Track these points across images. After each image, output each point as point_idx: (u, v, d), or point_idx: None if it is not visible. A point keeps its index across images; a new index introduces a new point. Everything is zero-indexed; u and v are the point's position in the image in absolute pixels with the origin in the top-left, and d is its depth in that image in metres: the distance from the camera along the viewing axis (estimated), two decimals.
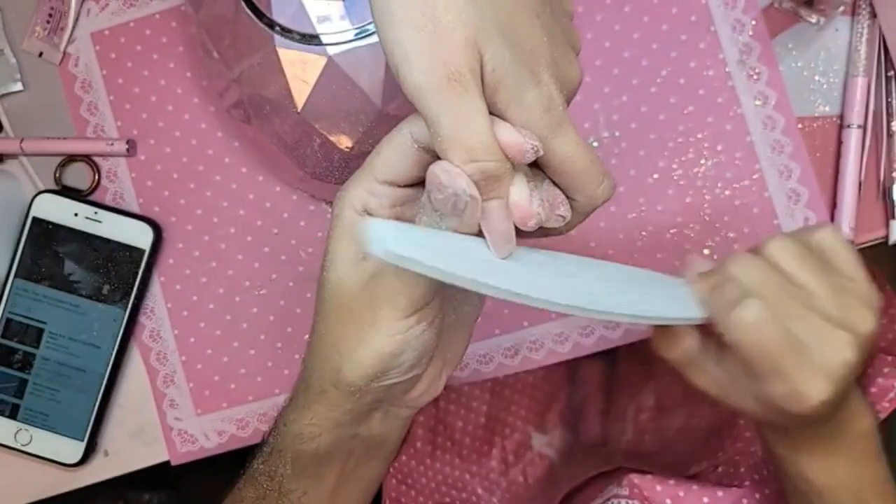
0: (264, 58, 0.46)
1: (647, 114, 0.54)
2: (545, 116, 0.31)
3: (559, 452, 0.73)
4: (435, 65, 0.29)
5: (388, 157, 0.33)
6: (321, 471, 0.39)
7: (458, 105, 0.29)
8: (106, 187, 0.57)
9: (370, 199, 0.34)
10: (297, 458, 0.38)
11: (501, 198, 0.31)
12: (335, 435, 0.37)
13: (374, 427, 0.39)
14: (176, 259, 0.56)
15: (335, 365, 0.35)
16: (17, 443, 0.56)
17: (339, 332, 0.35)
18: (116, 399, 0.57)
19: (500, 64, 0.30)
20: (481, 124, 0.29)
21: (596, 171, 0.32)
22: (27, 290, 0.56)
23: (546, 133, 0.31)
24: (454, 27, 0.29)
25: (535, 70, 0.31)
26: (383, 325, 0.33)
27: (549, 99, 0.31)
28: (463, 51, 0.29)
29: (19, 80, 0.57)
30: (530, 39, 0.31)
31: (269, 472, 0.39)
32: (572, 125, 0.32)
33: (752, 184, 0.53)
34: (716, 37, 0.53)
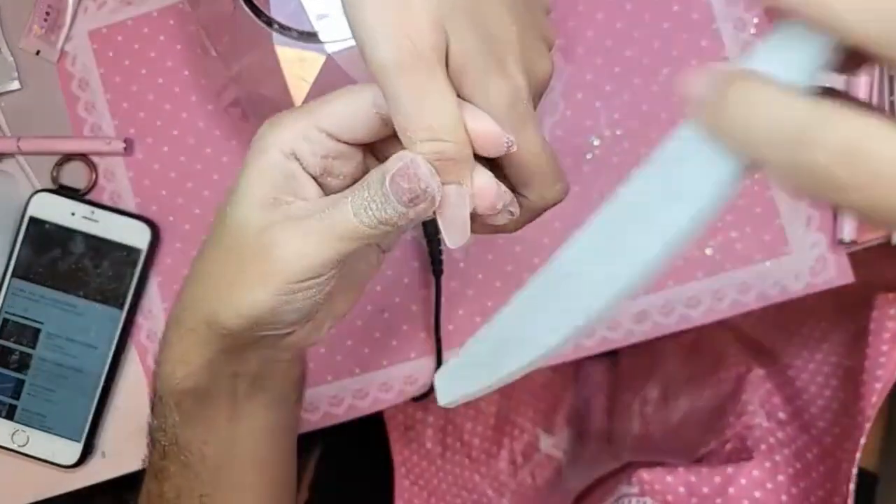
0: (262, 56, 0.45)
1: (648, 112, 0.53)
2: (510, 110, 0.30)
3: (566, 453, 0.73)
4: (400, 42, 0.28)
5: (339, 111, 0.32)
6: (208, 414, 0.37)
7: (422, 83, 0.29)
8: (103, 186, 0.56)
9: (302, 144, 0.32)
10: (180, 403, 0.37)
11: (459, 182, 0.30)
12: (209, 372, 0.36)
13: (251, 366, 0.37)
14: (173, 259, 0.56)
15: (212, 306, 0.33)
16: (14, 444, 0.56)
17: (223, 274, 0.33)
18: (114, 400, 0.56)
19: (465, 48, 0.29)
20: (447, 104, 0.29)
21: (552, 172, 0.32)
22: (24, 289, 0.55)
23: (509, 126, 0.30)
24: (421, 6, 0.29)
25: (502, 60, 0.30)
26: (271, 282, 0.31)
27: (515, 91, 0.30)
28: (429, 30, 0.29)
29: (16, 79, 0.57)
30: (499, 28, 0.30)
31: (162, 426, 0.38)
32: (536, 121, 0.31)
33: (754, 183, 0.53)
34: (718, 35, 0.53)
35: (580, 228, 0.29)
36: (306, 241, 0.31)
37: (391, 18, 0.28)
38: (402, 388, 0.55)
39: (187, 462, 0.38)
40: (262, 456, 0.41)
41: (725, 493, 0.55)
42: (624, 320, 0.54)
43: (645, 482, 0.53)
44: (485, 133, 0.30)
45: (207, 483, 0.39)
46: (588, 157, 0.54)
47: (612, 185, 0.53)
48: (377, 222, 0.30)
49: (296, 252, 0.31)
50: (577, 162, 0.54)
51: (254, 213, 0.32)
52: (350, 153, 0.33)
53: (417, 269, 0.55)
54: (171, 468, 0.39)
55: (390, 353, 0.55)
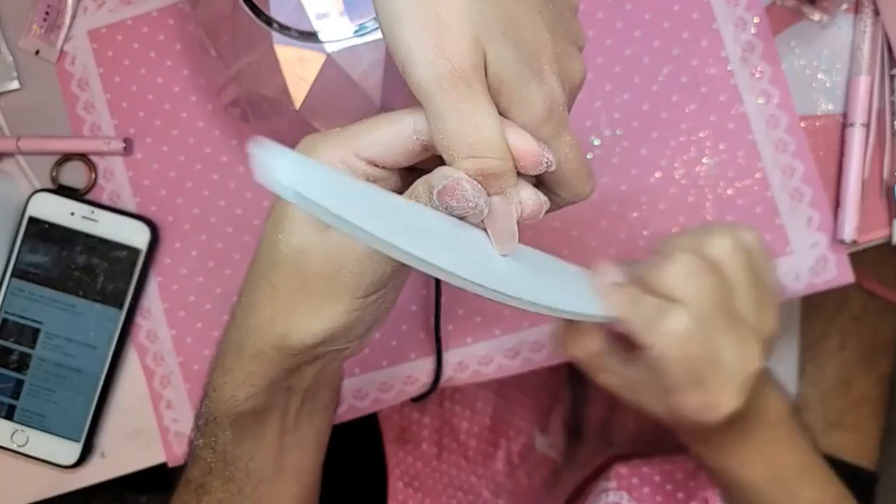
0: (262, 55, 0.45)
1: (648, 112, 0.53)
2: (548, 117, 0.31)
3: (562, 454, 0.73)
4: (440, 62, 0.29)
5: (381, 139, 0.32)
6: (261, 431, 0.38)
7: (463, 102, 0.29)
8: (102, 186, 0.56)
9: (342, 168, 0.33)
10: (235, 422, 0.37)
11: (504, 193, 0.31)
12: (269, 392, 0.37)
13: (306, 380, 0.38)
14: (173, 259, 0.56)
15: (281, 330, 0.34)
16: (14, 444, 0.56)
17: (290, 299, 0.34)
18: (113, 400, 0.56)
19: (503, 63, 0.30)
20: (488, 121, 0.30)
21: (585, 172, 0.33)
22: (23, 289, 0.55)
23: (548, 133, 0.31)
24: (456, 24, 0.29)
25: (538, 68, 0.31)
26: (344, 301, 0.33)
27: (552, 98, 0.31)
28: (467, 49, 0.29)
29: (16, 79, 0.57)
30: (533, 37, 0.31)
31: (211, 445, 0.38)
32: (569, 125, 0.32)
33: (755, 183, 0.53)
34: (718, 34, 0.53)
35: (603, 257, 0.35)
36: (371, 258, 0.32)
37: (429, 39, 0.29)
38: (401, 389, 0.55)
39: (231, 477, 0.39)
40: (303, 465, 0.41)
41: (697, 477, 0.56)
42: None
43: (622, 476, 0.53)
44: (526, 152, 0.30)
45: (248, 497, 0.39)
46: (588, 157, 0.54)
47: (612, 184, 0.53)
48: None
49: (363, 268, 0.32)
50: None
51: (311, 239, 0.33)
52: (387, 176, 0.34)
53: None
54: (213, 483, 0.39)
55: (390, 354, 0.55)
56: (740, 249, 0.38)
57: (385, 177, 0.34)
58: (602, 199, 0.54)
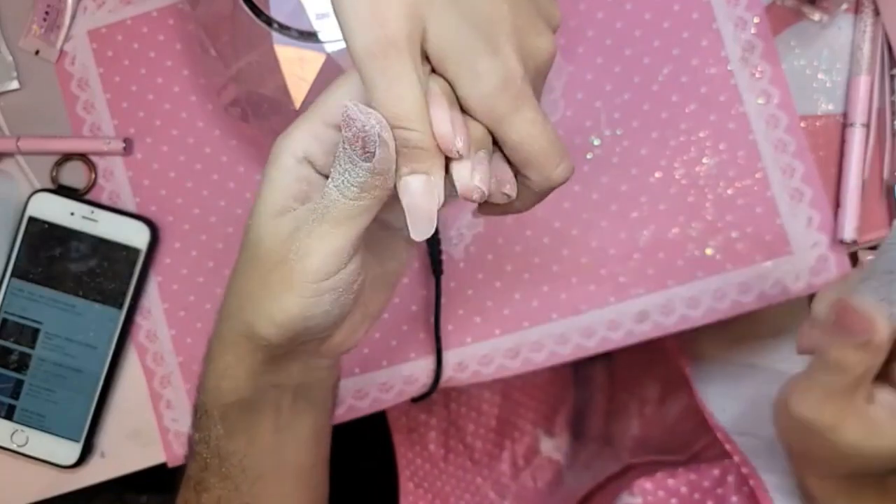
0: (262, 55, 0.45)
1: (648, 112, 0.53)
2: (502, 91, 0.30)
3: (566, 456, 0.73)
4: (371, 30, 0.29)
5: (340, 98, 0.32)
6: (252, 426, 0.38)
7: (389, 70, 0.29)
8: (102, 186, 0.56)
9: (313, 143, 0.33)
10: (225, 416, 0.37)
11: (427, 174, 0.30)
12: (254, 384, 0.36)
13: (294, 377, 0.38)
14: (173, 259, 0.56)
15: (248, 318, 0.34)
16: (14, 444, 0.56)
17: (254, 285, 0.33)
18: (113, 400, 0.56)
19: (445, 31, 0.29)
20: (410, 91, 0.29)
21: (554, 153, 0.31)
22: (23, 289, 0.55)
23: (502, 109, 0.30)
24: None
25: (492, 40, 0.30)
26: (296, 286, 0.32)
27: (507, 71, 0.30)
28: (398, 15, 0.29)
29: (15, 79, 0.57)
30: (488, 7, 0.30)
31: (205, 439, 0.38)
32: (533, 101, 0.31)
33: (755, 183, 0.53)
34: (718, 34, 0.53)
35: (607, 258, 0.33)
36: (313, 238, 0.31)
37: (365, 5, 0.29)
38: (401, 389, 0.55)
39: (228, 474, 0.38)
40: (302, 463, 0.41)
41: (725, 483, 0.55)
42: (624, 320, 0.54)
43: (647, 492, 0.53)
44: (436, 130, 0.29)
45: (246, 493, 0.39)
46: (588, 157, 0.54)
47: (612, 184, 0.53)
48: (358, 191, 0.30)
49: (307, 252, 0.31)
50: (577, 162, 0.54)
51: (269, 224, 0.32)
52: None
53: (417, 269, 0.55)
54: (211, 480, 0.39)
55: (390, 354, 0.55)
56: None
57: None
58: (602, 199, 0.54)
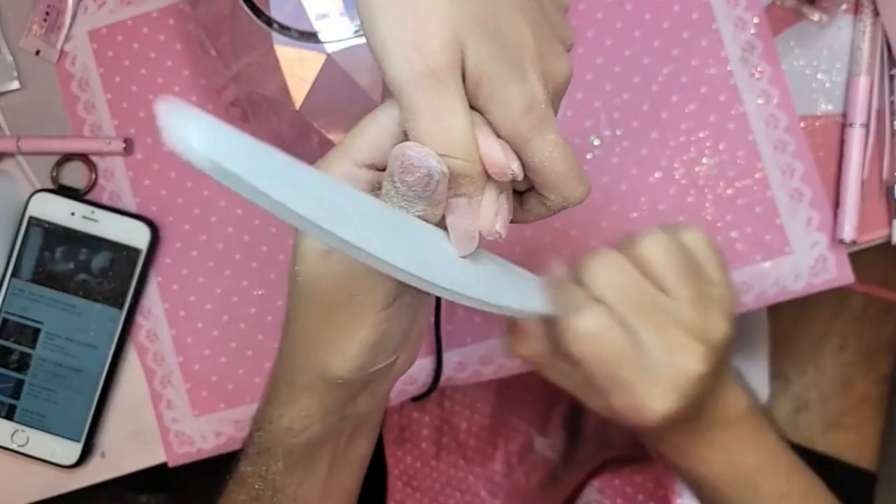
0: (262, 56, 0.45)
1: (648, 112, 0.53)
2: (527, 115, 0.30)
3: (560, 455, 0.73)
4: (414, 59, 0.29)
5: (371, 139, 0.32)
6: (314, 459, 0.38)
7: (435, 101, 0.29)
8: (103, 186, 0.56)
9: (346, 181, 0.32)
10: (289, 453, 0.37)
11: (469, 196, 0.30)
12: (325, 422, 0.37)
13: (360, 406, 0.38)
14: (173, 259, 0.56)
15: (321, 360, 0.34)
16: (14, 444, 0.56)
17: (319, 328, 0.34)
18: (113, 400, 0.56)
19: (481, 59, 0.29)
20: (459, 122, 0.29)
21: (574, 175, 0.32)
22: (23, 289, 0.55)
23: (528, 132, 0.31)
24: (434, 21, 0.29)
25: (519, 66, 0.30)
26: (365, 318, 0.32)
27: (533, 96, 0.30)
28: (443, 46, 0.29)
29: (16, 79, 0.57)
30: (514, 34, 0.30)
31: (260, 473, 0.38)
32: (554, 124, 0.31)
33: (755, 183, 0.53)
34: (718, 35, 0.53)
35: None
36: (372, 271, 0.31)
37: (407, 35, 0.29)
38: (401, 388, 0.55)
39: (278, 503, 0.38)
40: (347, 486, 0.41)
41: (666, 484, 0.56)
42: None
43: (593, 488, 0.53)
44: (490, 158, 0.30)
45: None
46: (588, 157, 0.54)
47: (612, 184, 0.53)
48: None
49: (371, 283, 0.32)
50: None
51: (317, 267, 0.32)
52: None
53: None
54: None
55: None
56: (674, 248, 0.37)
57: None
58: (602, 199, 0.54)
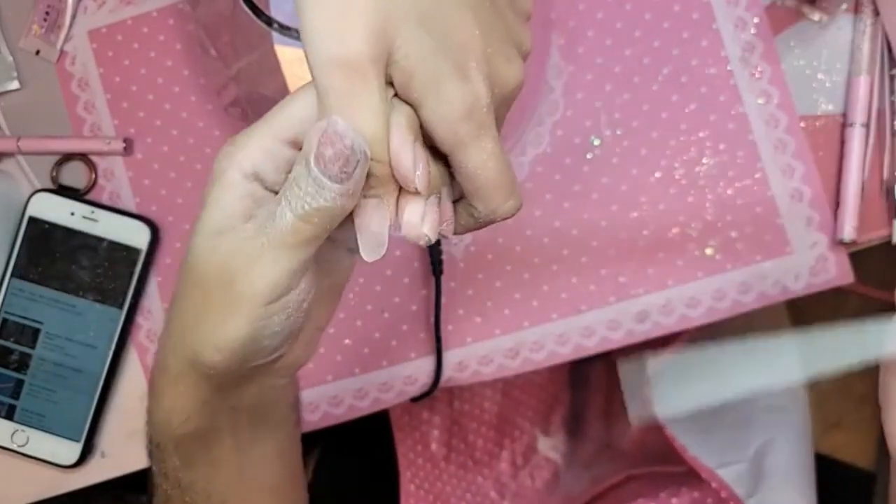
0: (262, 55, 0.45)
1: (648, 112, 0.53)
2: (466, 119, 0.29)
3: (563, 456, 0.73)
4: (336, 48, 0.27)
5: (294, 114, 0.30)
6: (211, 453, 0.36)
7: (351, 94, 0.28)
8: (102, 186, 0.56)
9: (265, 160, 0.30)
10: (179, 446, 0.35)
11: (380, 197, 0.29)
12: (208, 413, 0.34)
13: (249, 398, 0.35)
14: (173, 259, 0.56)
15: (192, 346, 0.31)
16: (14, 444, 0.56)
17: (196, 310, 0.31)
18: (113, 400, 0.56)
19: (414, 53, 0.28)
20: (370, 117, 0.28)
21: (505, 187, 0.31)
22: (23, 289, 0.55)
23: (464, 137, 0.29)
24: (362, 12, 0.27)
25: (461, 65, 0.29)
26: (242, 311, 0.30)
27: (474, 99, 0.29)
28: (366, 36, 0.27)
29: (16, 79, 0.57)
30: (459, 31, 0.29)
31: (163, 472, 0.36)
32: (494, 131, 0.30)
33: (755, 183, 0.53)
34: (718, 35, 0.53)
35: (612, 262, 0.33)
36: (261, 260, 0.29)
37: (331, 24, 0.27)
38: (402, 389, 0.55)
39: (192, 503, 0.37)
40: (269, 482, 0.39)
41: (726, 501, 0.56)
42: (624, 320, 0.54)
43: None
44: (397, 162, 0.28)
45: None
46: (588, 157, 0.54)
47: (612, 184, 0.53)
48: (317, 213, 0.28)
49: (255, 275, 0.29)
50: (577, 162, 0.54)
51: (210, 244, 0.30)
52: None
53: (417, 269, 0.55)
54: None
55: (390, 354, 0.55)
56: None
57: None
58: (602, 199, 0.54)
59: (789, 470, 0.60)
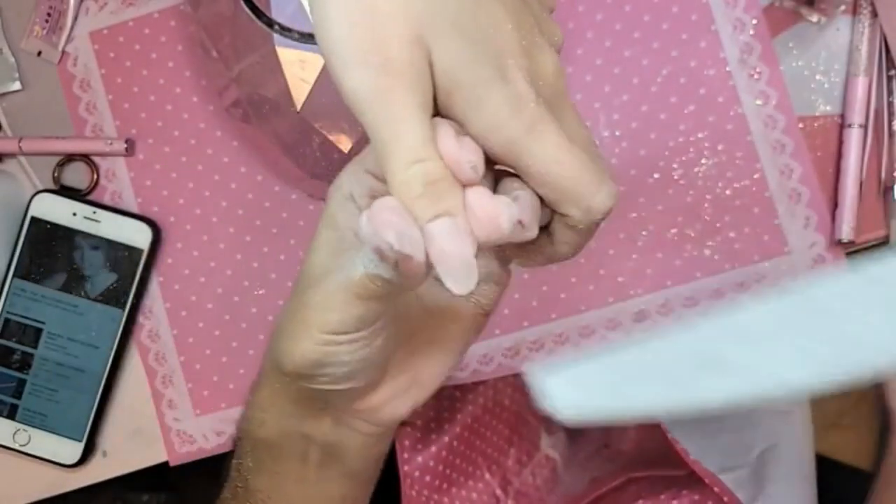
0: (263, 57, 0.45)
1: (647, 113, 0.54)
2: (515, 117, 0.27)
3: (562, 455, 0.73)
4: (371, 61, 0.26)
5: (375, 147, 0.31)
6: (276, 470, 0.36)
7: (392, 102, 0.26)
8: (104, 187, 0.56)
9: (355, 185, 0.31)
10: (254, 449, 0.36)
11: (452, 214, 0.26)
12: (282, 426, 0.35)
13: (325, 431, 0.35)
14: (175, 259, 0.56)
15: (276, 349, 0.32)
16: (16, 443, 0.56)
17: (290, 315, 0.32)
18: (115, 399, 0.56)
19: (452, 62, 0.26)
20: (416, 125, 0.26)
21: (586, 176, 0.27)
22: (25, 289, 0.55)
23: (519, 137, 0.27)
24: (396, 19, 0.26)
25: (501, 66, 0.27)
26: (311, 333, 0.30)
27: (519, 97, 0.27)
28: (401, 45, 0.26)
29: (18, 80, 0.57)
30: (493, 30, 0.27)
31: (238, 466, 0.37)
32: (553, 124, 0.27)
33: (753, 183, 0.53)
34: (717, 36, 0.53)
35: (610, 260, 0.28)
36: (331, 296, 0.29)
37: (360, 35, 0.26)
38: None
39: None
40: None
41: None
42: (623, 320, 0.54)
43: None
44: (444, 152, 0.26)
45: None
46: None
47: None
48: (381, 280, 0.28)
49: (322, 306, 0.30)
50: None
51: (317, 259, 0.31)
52: None
53: None
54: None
55: None
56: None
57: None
58: None
59: (791, 474, 0.60)
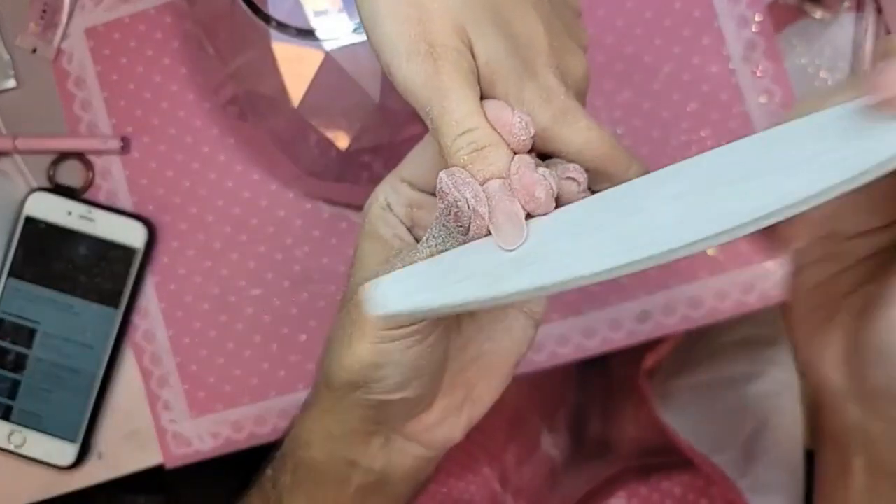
0: (260, 53, 0.45)
1: (649, 111, 0.53)
2: (546, 106, 0.29)
3: (562, 454, 0.73)
4: (420, 49, 0.28)
5: (415, 157, 0.33)
6: (317, 493, 0.36)
7: (440, 79, 0.28)
8: (99, 185, 0.56)
9: (392, 194, 0.33)
10: (296, 468, 0.36)
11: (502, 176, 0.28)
12: (327, 450, 0.35)
13: (373, 455, 0.35)
14: (170, 258, 0.56)
15: (327, 363, 0.33)
16: (11, 445, 0.55)
17: (341, 324, 0.32)
18: (110, 400, 0.56)
19: (493, 55, 0.29)
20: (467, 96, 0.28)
21: (619, 155, 0.30)
22: (20, 289, 0.55)
23: (553, 124, 0.29)
24: (442, 13, 0.28)
25: (531, 62, 0.30)
26: (366, 332, 0.30)
27: (548, 89, 0.30)
28: (447, 34, 0.28)
29: (12, 77, 0.56)
30: (526, 30, 0.30)
31: (274, 479, 0.37)
32: (582, 111, 0.30)
33: None
34: (720, 32, 0.53)
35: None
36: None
37: (411, 29, 0.28)
38: None
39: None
40: None
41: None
42: (626, 321, 0.53)
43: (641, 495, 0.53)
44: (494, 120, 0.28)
45: None
46: None
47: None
48: None
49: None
50: None
51: (365, 269, 0.32)
52: (433, 204, 0.33)
53: None
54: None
55: None
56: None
57: (430, 205, 0.33)
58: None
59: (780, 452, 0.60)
